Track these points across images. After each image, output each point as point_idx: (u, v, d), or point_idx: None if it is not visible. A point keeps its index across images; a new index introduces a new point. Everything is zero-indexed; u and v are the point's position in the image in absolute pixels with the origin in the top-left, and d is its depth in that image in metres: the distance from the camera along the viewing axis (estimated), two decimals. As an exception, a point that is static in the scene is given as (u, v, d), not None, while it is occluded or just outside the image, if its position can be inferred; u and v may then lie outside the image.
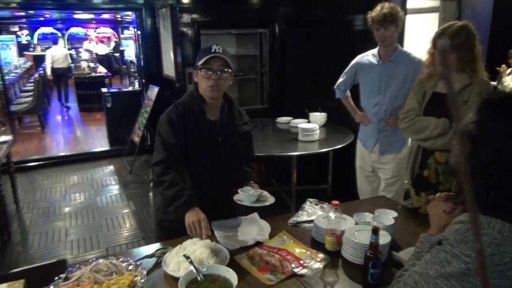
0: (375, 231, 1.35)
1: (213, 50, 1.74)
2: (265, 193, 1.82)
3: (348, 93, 3.11)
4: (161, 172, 1.73)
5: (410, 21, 3.64)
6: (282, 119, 4.32)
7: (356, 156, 3.07)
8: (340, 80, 3.05)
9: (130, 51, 13.30)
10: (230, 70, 1.79)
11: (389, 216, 1.73)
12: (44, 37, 15.50)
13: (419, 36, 3.78)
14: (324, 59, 4.41)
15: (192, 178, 1.86)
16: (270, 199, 1.79)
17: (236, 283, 1.33)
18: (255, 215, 1.92)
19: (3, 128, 4.02)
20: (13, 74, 9.32)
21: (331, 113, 4.07)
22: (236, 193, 1.81)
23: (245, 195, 1.77)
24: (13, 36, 13.20)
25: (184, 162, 1.83)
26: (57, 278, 1.43)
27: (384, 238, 1.52)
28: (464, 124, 0.96)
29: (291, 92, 5.28)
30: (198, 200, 1.72)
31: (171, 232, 1.80)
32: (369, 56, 2.80)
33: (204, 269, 1.43)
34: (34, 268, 1.64)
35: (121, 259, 1.54)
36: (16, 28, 14.85)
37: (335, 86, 3.10)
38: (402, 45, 3.27)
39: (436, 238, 1.04)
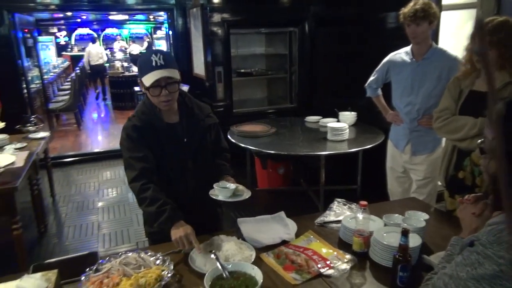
0: (405, 233, 1.31)
1: (154, 64, 1.64)
2: (241, 187, 1.76)
3: (380, 91, 3.04)
4: (140, 189, 1.68)
5: (446, 18, 3.51)
6: (311, 118, 4.28)
7: (387, 156, 3.00)
8: (371, 78, 2.99)
9: (162, 51, 13.53)
10: (178, 80, 1.71)
11: (420, 218, 1.68)
12: (81, 38, 16.08)
13: (456, 33, 3.65)
14: (354, 57, 4.34)
15: (165, 185, 1.79)
16: (246, 194, 1.73)
17: (262, 281, 1.33)
18: (282, 213, 1.91)
19: (42, 125, 4.19)
20: (51, 74, 9.70)
21: (361, 112, 3.99)
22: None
23: (220, 190, 1.70)
24: (52, 37, 13.74)
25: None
26: (88, 269, 1.47)
27: (415, 241, 1.47)
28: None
29: (320, 91, 5.22)
30: (179, 209, 1.68)
31: (160, 243, 1.75)
32: (402, 53, 2.72)
33: (230, 266, 1.44)
34: (67, 259, 1.69)
35: (149, 253, 1.57)
36: (55, 30, 15.46)
37: (366, 85, 3.04)
38: (437, 42, 3.17)
39: (468, 239, 1.00)
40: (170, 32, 6.07)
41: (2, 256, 3.37)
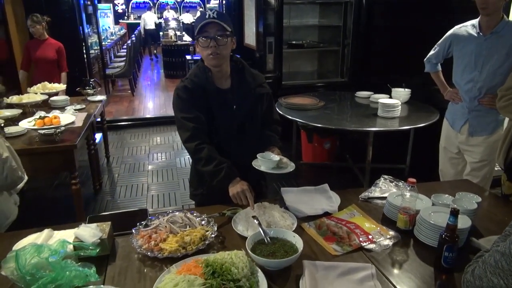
0: (454, 212, 1.26)
1: (207, 16, 1.68)
2: (285, 159, 1.73)
3: (439, 67, 2.87)
4: (195, 149, 1.74)
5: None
6: (362, 94, 4.15)
7: (441, 136, 2.86)
8: (432, 52, 2.82)
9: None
10: (228, 33, 1.70)
11: (471, 201, 1.60)
12: (137, 6, 16.48)
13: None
14: (413, 32, 4.09)
15: None
16: (290, 167, 1.70)
17: (302, 249, 1.34)
18: (325, 186, 1.90)
19: (99, 89, 4.40)
20: (109, 41, 10.08)
21: (416, 90, 3.81)
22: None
23: (263, 161, 1.68)
24: (110, 5, 14.18)
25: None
26: (138, 224, 1.57)
27: (464, 222, 1.41)
28: None
29: (374, 66, 5.02)
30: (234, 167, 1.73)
31: (202, 205, 1.81)
32: (468, 26, 2.53)
33: (271, 232, 1.46)
34: (119, 213, 1.81)
35: (195, 214, 1.64)
36: (113, -3, 15.93)
37: (425, 59, 2.88)
38: (508, 16, 2.91)
39: None
40: (223, 1, 6.05)
41: (63, 207, 3.69)
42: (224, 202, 1.75)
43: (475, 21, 2.50)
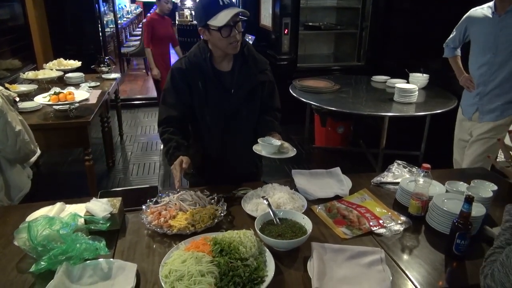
0: (469, 200, 1.23)
1: (221, 3, 1.54)
2: (287, 144, 1.69)
3: (458, 52, 2.80)
4: (160, 132, 1.76)
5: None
6: (378, 78, 4.07)
7: (456, 124, 2.80)
8: (450, 36, 2.76)
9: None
10: (244, 18, 1.61)
11: (487, 189, 1.56)
12: (153, -15, 16.34)
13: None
14: (433, 16, 3.97)
15: (203, 131, 1.81)
16: (291, 152, 1.66)
17: (311, 231, 1.33)
18: (337, 169, 1.88)
19: (114, 67, 4.41)
20: (125, 19, 10.07)
21: (435, 75, 3.71)
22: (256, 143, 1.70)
23: (264, 146, 1.65)
24: (127, -17, 14.11)
25: (191, 116, 1.78)
26: (149, 200, 1.58)
27: (478, 210, 1.38)
28: None
29: (391, 50, 4.90)
30: (185, 148, 1.70)
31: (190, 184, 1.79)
32: (484, 8, 2.47)
33: (281, 213, 1.46)
34: (130, 189, 1.82)
35: (205, 193, 1.64)
36: (130, -25, 15.80)
37: (444, 43, 2.82)
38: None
39: None
40: (240, -20, 5.94)
41: (76, 182, 3.75)
42: (212, 183, 1.77)
43: (491, 3, 2.44)
